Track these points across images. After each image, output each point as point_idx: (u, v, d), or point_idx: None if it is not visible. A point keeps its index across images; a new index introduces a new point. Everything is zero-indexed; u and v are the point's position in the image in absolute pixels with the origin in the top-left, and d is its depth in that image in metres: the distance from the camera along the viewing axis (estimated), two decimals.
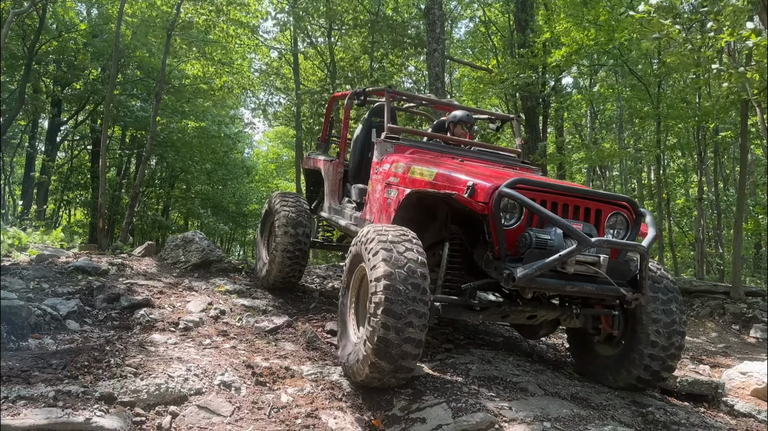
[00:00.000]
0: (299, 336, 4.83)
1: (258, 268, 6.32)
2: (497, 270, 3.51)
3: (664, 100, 12.71)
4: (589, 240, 3.27)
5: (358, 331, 3.76)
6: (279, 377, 3.75)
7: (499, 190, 3.37)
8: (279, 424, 3.12)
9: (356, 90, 5.84)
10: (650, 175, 21.43)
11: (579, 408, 3.69)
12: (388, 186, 4.52)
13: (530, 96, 14.20)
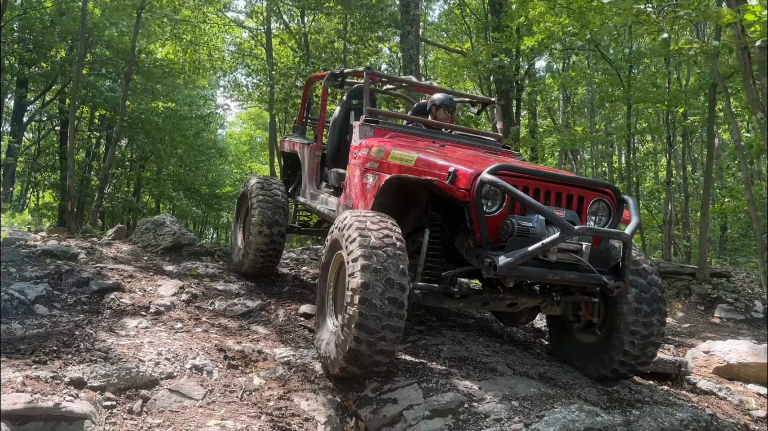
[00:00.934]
0: (272, 320, 4.84)
1: (233, 254, 6.23)
2: (478, 258, 3.44)
3: (634, 84, 12.88)
4: (573, 229, 3.23)
5: (336, 319, 3.72)
6: (251, 360, 3.76)
7: (480, 177, 3.32)
8: (251, 407, 3.14)
9: (334, 71, 5.66)
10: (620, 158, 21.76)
11: (546, 387, 3.78)
12: (367, 171, 4.43)
13: (504, 80, 14.25)
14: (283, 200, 5.70)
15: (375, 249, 3.24)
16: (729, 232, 16.73)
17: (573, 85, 17.25)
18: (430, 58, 22.93)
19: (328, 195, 5.36)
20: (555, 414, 3.30)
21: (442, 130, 5.15)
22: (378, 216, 3.53)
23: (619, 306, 3.89)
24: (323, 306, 3.89)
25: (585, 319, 4.19)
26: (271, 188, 5.74)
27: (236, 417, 2.96)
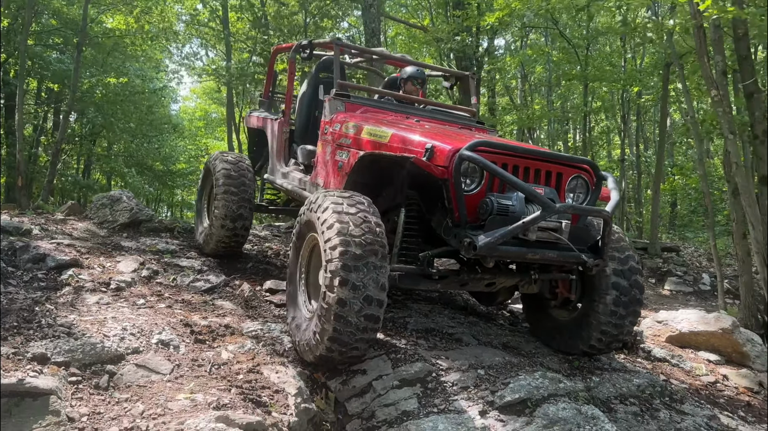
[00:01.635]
0: (237, 295, 4.79)
1: (196, 232, 6.01)
2: (457, 237, 3.33)
3: (591, 63, 13.10)
4: (554, 206, 3.13)
5: (310, 305, 3.58)
6: (218, 335, 3.73)
7: (459, 153, 3.19)
8: (221, 380, 3.12)
9: (301, 42, 5.40)
10: (575, 137, 22.19)
11: (510, 356, 3.88)
12: (339, 147, 4.27)
13: (464, 57, 14.27)
14: (250, 191, 5.40)
15: (354, 238, 3.07)
16: (678, 209, 17.33)
17: (531, 63, 17.43)
18: (389, 34, 22.76)
19: (298, 172, 5.16)
20: (520, 381, 3.39)
21: (416, 105, 5.00)
22: (354, 197, 3.35)
23: (597, 283, 3.83)
24: (295, 288, 3.73)
25: (562, 296, 4.14)
26: (238, 175, 5.39)
27: (206, 390, 2.94)
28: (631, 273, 3.85)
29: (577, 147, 18.90)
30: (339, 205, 3.25)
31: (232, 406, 2.79)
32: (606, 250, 3.47)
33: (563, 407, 3.23)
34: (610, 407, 3.50)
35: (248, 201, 5.34)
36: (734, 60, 5.69)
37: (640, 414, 3.50)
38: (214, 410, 2.71)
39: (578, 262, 3.44)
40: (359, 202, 3.32)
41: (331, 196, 3.36)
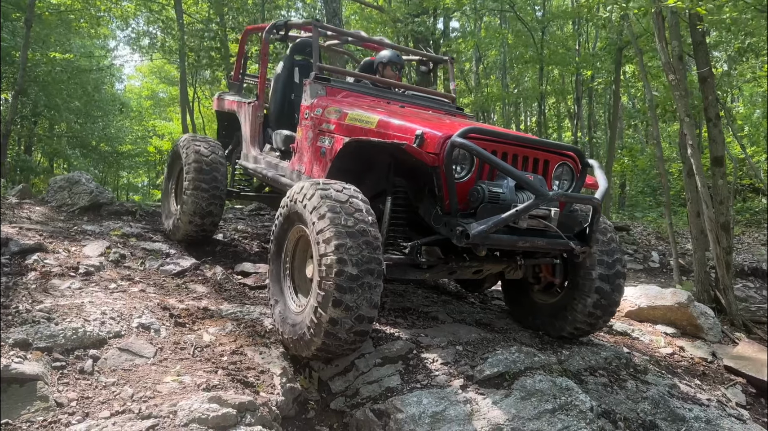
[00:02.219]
0: (209, 279, 4.75)
1: (164, 217, 5.80)
2: (448, 226, 3.25)
3: (546, 46, 13.34)
4: (547, 194, 3.10)
5: (297, 299, 3.46)
6: (198, 318, 3.71)
7: (451, 140, 3.10)
8: (205, 362, 3.12)
9: (276, 22, 5.18)
10: (527, 120, 22.62)
11: (485, 332, 4.00)
12: (321, 133, 4.12)
13: (422, 39, 14.31)
14: (222, 187, 5.19)
15: (349, 228, 2.93)
16: (628, 189, 17.96)
17: (486, 45, 17.61)
18: (345, 13, 22.55)
19: (275, 158, 4.99)
20: (497, 356, 3.51)
21: (396, 90, 4.90)
22: (342, 186, 3.20)
23: (582, 267, 3.85)
24: (279, 283, 3.57)
25: (545, 281, 4.16)
26: (210, 170, 5.14)
27: (192, 372, 2.94)
28: (614, 259, 3.87)
29: (532, 129, 19.29)
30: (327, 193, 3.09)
31: (222, 387, 2.80)
32: (593, 237, 3.46)
33: (539, 379, 3.37)
34: (581, 379, 3.66)
35: (219, 198, 5.18)
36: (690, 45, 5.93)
37: (609, 384, 3.67)
38: (205, 391, 2.72)
39: (566, 249, 3.42)
40: (347, 190, 3.16)
41: (318, 185, 3.17)
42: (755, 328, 5.87)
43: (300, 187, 3.27)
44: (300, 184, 3.30)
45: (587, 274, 3.83)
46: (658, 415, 3.42)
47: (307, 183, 3.25)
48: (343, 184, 3.24)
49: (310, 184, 3.23)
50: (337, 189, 3.16)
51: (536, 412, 3.09)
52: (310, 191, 3.16)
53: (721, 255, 5.76)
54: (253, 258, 5.52)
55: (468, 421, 2.94)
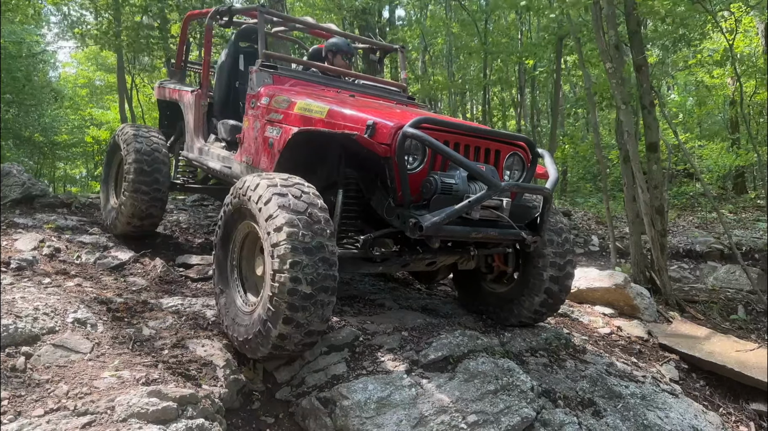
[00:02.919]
0: (149, 271, 4.63)
1: (103, 211, 5.56)
2: (401, 218, 3.19)
3: (490, 35, 13.50)
4: (499, 185, 3.08)
5: (246, 297, 3.33)
6: (137, 311, 3.61)
7: (403, 130, 3.04)
8: (145, 356, 3.04)
9: (219, 8, 4.94)
10: (473, 109, 22.91)
11: (430, 318, 4.05)
12: (269, 123, 3.99)
13: (367, 26, 14.26)
14: (164, 189, 4.99)
15: (296, 210, 2.85)
16: (569, 176, 18.47)
17: (432, 34, 17.69)
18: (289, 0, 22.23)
19: (221, 149, 4.83)
20: (442, 340, 3.57)
21: (346, 79, 4.79)
22: (290, 178, 3.09)
23: (535, 266, 3.88)
24: (226, 282, 3.40)
25: (498, 270, 4.17)
26: (152, 170, 4.90)
27: (132, 367, 2.86)
28: (566, 260, 3.91)
29: (477, 118, 19.56)
30: (273, 185, 2.96)
31: (162, 381, 2.74)
32: (544, 227, 3.48)
33: (482, 362, 3.43)
34: (522, 360, 3.76)
35: (160, 200, 5.01)
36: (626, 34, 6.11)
37: (549, 365, 3.78)
38: (144, 386, 2.65)
39: (518, 239, 3.41)
40: (294, 180, 3.06)
41: (266, 179, 3.04)
42: (688, 307, 6.14)
43: (247, 182, 3.13)
44: (249, 179, 3.13)
45: (539, 274, 3.86)
46: (596, 393, 3.54)
47: (260, 180, 3.08)
48: (285, 175, 3.14)
49: (254, 177, 3.12)
50: (278, 177, 3.07)
51: (479, 393, 3.16)
52: (254, 182, 3.05)
53: (656, 238, 6.00)
54: (195, 249, 5.41)
55: (413, 405, 2.98)
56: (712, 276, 8.91)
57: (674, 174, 16.58)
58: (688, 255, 10.76)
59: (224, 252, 3.42)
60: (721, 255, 10.26)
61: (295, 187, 3.02)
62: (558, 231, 3.92)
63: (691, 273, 10.02)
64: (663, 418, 3.46)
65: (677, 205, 15.53)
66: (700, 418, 3.64)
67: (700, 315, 6.01)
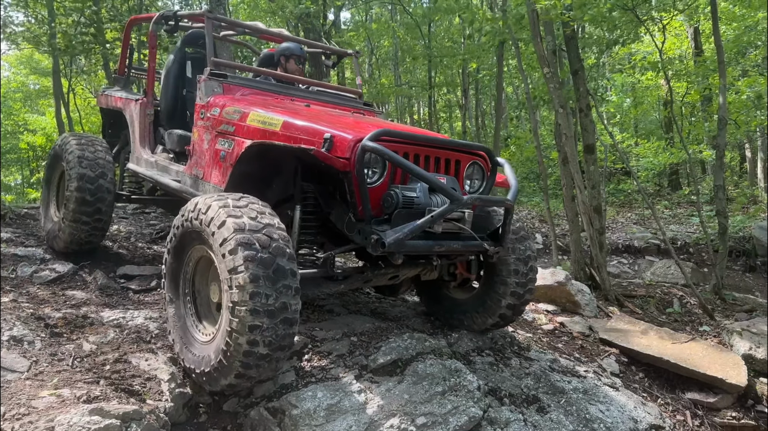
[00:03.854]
0: (90, 284, 4.50)
1: (43, 225, 5.28)
2: (361, 234, 3.08)
3: (434, 39, 13.69)
4: (461, 198, 3.01)
5: (203, 327, 3.14)
6: (77, 326, 3.50)
7: (362, 144, 2.93)
8: (86, 373, 2.95)
9: (164, 12, 4.75)
10: (420, 111, 23.15)
11: (379, 322, 4.08)
12: (220, 135, 3.80)
13: (312, 29, 14.20)
14: (106, 218, 4.77)
15: (253, 231, 2.67)
16: None
17: (377, 37, 17.78)
18: (232, 1, 21.91)
19: (169, 161, 4.60)
20: (390, 344, 3.60)
21: (299, 86, 4.62)
22: (243, 198, 2.92)
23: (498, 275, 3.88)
24: (179, 308, 3.21)
25: (461, 277, 4.14)
26: (95, 200, 4.62)
27: (72, 384, 2.77)
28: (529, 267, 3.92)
29: (423, 120, 19.78)
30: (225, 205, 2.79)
31: (104, 398, 2.67)
32: (506, 237, 3.45)
33: (430, 363, 3.49)
34: (469, 359, 3.84)
35: (101, 229, 4.83)
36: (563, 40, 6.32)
37: (495, 363, 3.88)
38: (85, 404, 2.58)
39: (480, 251, 3.40)
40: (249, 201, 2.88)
41: (218, 200, 2.86)
42: (627, 302, 6.39)
43: (198, 203, 2.92)
44: (201, 202, 2.91)
45: (502, 282, 3.85)
46: (540, 389, 3.65)
47: (202, 199, 2.93)
48: (238, 195, 2.95)
49: (205, 199, 2.92)
50: (233, 198, 2.87)
51: (427, 395, 3.21)
52: (205, 204, 2.85)
53: (594, 235, 6.22)
54: (137, 260, 5.28)
55: (362, 410, 3.00)
56: (649, 270, 9.30)
57: (612, 172, 17.19)
58: (627, 251, 11.19)
59: (175, 276, 3.21)
60: (658, 250, 10.72)
61: (250, 207, 2.84)
62: (520, 239, 3.92)
63: (630, 268, 10.42)
64: (604, 411, 3.59)
65: (616, 202, 16.11)
66: (639, 409, 3.80)
67: (638, 309, 6.25)
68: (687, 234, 11.46)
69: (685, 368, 4.65)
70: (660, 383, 4.73)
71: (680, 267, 6.76)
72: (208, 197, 2.94)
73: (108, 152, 4.95)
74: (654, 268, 9.51)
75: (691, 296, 6.72)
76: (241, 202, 2.85)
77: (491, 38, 10.40)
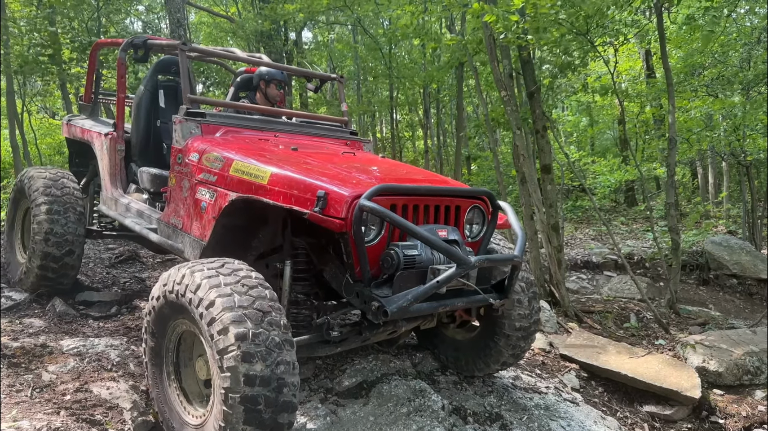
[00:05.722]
0: (48, 311, 4.41)
1: (7, 265, 5.03)
2: (360, 297, 2.84)
3: (395, 59, 13.89)
4: (469, 262, 2.80)
5: (193, 409, 2.86)
6: (35, 356, 3.44)
7: (359, 204, 2.66)
8: (45, 404, 2.91)
9: (133, 39, 4.39)
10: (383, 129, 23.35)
11: None
12: (200, 184, 3.50)
13: (274, 50, 14.26)
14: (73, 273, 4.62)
15: (245, 310, 2.44)
16: None
17: (340, 57, 17.93)
18: (192, 20, 21.84)
19: (143, 204, 4.28)
20: (355, 366, 3.65)
21: (283, 118, 4.38)
22: (228, 265, 2.69)
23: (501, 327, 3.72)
24: (165, 391, 2.94)
25: (460, 319, 3.90)
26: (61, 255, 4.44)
27: (31, 416, 2.72)
28: (533, 321, 3.80)
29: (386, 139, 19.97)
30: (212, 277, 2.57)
31: (65, 429, 2.64)
32: (512, 290, 3.27)
33: (395, 385, 3.54)
34: (433, 379, 3.89)
35: (73, 270, 4.62)
36: (519, 64, 6.52)
37: (459, 382, 3.94)
38: None
39: (485, 305, 3.22)
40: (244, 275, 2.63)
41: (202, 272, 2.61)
42: (586, 318, 6.54)
43: (182, 275, 2.65)
44: (186, 275, 2.63)
45: (504, 335, 3.71)
46: (503, 407, 3.73)
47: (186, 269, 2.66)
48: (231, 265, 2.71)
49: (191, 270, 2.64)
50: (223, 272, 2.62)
51: (393, 417, 3.25)
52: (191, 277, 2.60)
53: (553, 253, 6.37)
54: (97, 285, 5.21)
55: None
56: (607, 286, 9.53)
57: (570, 189, 17.60)
58: (586, 266, 11.44)
59: (157, 353, 2.95)
60: (615, 266, 10.99)
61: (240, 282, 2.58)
62: (525, 288, 3.73)
63: (589, 283, 10.65)
64: (565, 427, 3.68)
65: (574, 218, 16.48)
66: (599, 424, 3.91)
67: (596, 324, 6.42)
68: (643, 249, 11.80)
69: (642, 382, 4.79)
70: (619, 397, 4.86)
71: (636, 283, 6.97)
72: (191, 268, 2.67)
73: (76, 186, 4.74)
74: (612, 283, 9.75)
75: (647, 310, 6.92)
76: (230, 277, 2.58)
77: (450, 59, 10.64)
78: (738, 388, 5.19)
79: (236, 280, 2.57)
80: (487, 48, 6.23)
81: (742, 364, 5.26)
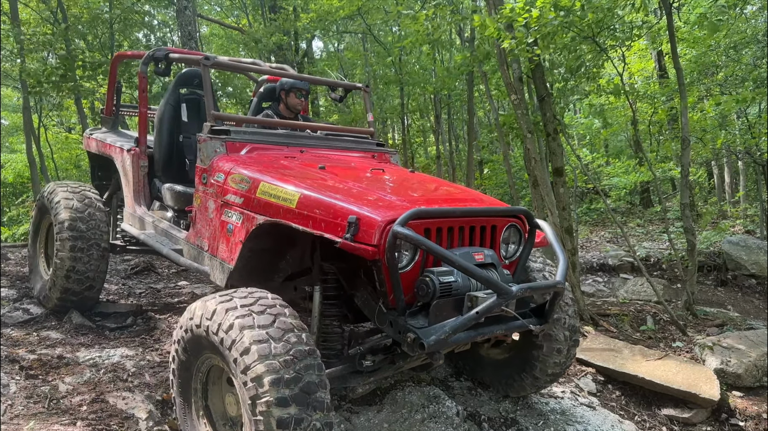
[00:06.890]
0: (65, 323, 4.46)
1: (33, 281, 4.97)
2: (395, 327, 2.71)
3: (405, 67, 13.94)
4: (511, 292, 2.64)
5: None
6: (52, 367, 3.48)
7: (393, 230, 2.52)
8: (62, 415, 2.94)
9: (154, 52, 4.30)
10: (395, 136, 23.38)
11: None
12: (226, 206, 3.41)
13: (285, 60, 14.38)
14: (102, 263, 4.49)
15: (280, 357, 2.30)
16: None
17: (350, 65, 18.03)
18: (204, 33, 22.09)
19: (167, 223, 4.20)
20: None
21: (307, 132, 4.25)
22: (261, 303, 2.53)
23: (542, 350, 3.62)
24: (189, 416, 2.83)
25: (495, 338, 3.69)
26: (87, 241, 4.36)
27: (48, 427, 2.76)
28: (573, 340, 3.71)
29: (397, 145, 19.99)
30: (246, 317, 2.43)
31: None
32: (552, 316, 3.14)
33: (409, 391, 3.53)
34: (447, 385, 3.88)
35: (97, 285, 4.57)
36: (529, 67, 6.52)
37: (473, 387, 3.93)
38: None
39: (524, 330, 3.06)
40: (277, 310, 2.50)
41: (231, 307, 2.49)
42: (601, 321, 6.48)
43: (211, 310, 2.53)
44: (219, 311, 2.50)
45: (544, 359, 3.62)
46: (518, 412, 3.71)
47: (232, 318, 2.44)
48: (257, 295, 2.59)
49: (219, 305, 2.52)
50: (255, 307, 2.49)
51: (407, 424, 3.24)
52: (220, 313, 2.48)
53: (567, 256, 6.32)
54: (113, 296, 5.26)
55: None
56: (623, 288, 9.45)
57: (585, 191, 17.49)
58: (602, 269, 11.36)
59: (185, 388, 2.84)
60: (631, 268, 10.89)
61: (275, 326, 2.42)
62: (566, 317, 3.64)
63: (606, 286, 10.57)
64: None
65: (589, 221, 16.37)
66: (616, 428, 3.87)
67: (612, 328, 6.35)
68: (659, 251, 11.68)
69: (660, 384, 4.73)
70: (636, 400, 4.80)
71: (652, 285, 6.90)
72: (223, 303, 2.53)
73: (99, 200, 4.70)
74: (628, 286, 9.67)
75: (663, 313, 6.85)
76: (263, 317, 2.44)
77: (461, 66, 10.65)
78: (758, 390, 5.12)
79: (270, 321, 2.43)
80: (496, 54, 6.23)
81: (761, 365, 5.19)
